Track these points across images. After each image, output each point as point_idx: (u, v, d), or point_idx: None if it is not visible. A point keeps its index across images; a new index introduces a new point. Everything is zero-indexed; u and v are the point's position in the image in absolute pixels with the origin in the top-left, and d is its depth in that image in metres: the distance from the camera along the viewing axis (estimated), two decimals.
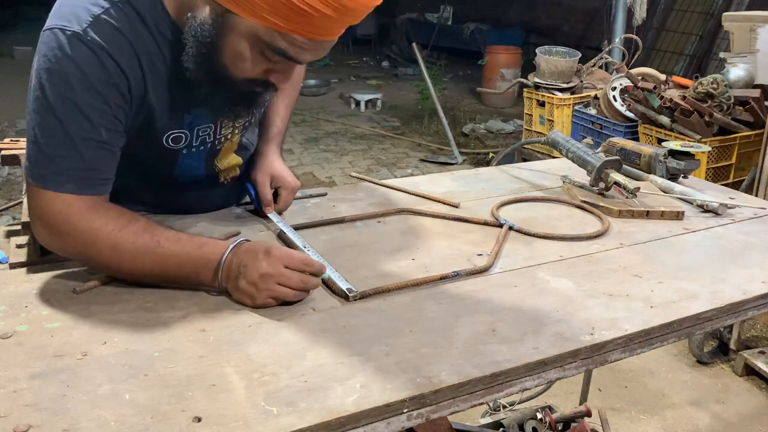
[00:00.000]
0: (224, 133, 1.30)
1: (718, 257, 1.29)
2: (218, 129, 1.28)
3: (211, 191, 1.42)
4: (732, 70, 3.57)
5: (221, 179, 1.41)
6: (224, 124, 1.28)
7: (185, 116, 1.20)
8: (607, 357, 0.99)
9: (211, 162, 1.34)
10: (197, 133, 1.25)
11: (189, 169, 1.31)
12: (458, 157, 5.79)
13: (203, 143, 1.27)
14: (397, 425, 0.82)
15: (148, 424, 0.75)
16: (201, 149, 1.28)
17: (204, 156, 1.31)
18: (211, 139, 1.29)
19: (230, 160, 1.39)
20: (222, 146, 1.33)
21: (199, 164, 1.32)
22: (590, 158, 1.57)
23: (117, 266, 1.05)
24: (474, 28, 9.95)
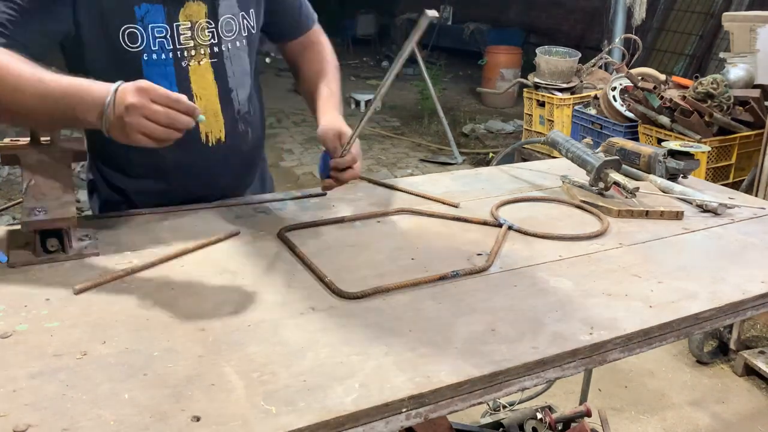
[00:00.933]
0: (185, 44, 1.30)
1: (717, 257, 1.29)
2: (175, 34, 1.28)
3: (195, 155, 1.37)
4: (732, 70, 3.57)
5: (202, 133, 1.36)
6: (181, 31, 1.29)
7: (136, 9, 1.23)
8: (607, 357, 0.99)
9: (185, 88, 1.31)
10: (152, 32, 1.26)
11: None
12: (458, 157, 5.79)
13: (163, 50, 1.28)
14: (396, 425, 0.82)
15: (148, 424, 0.75)
16: (163, 59, 1.28)
17: (172, 74, 1.30)
18: (171, 47, 1.29)
19: (210, 101, 1.35)
20: (189, 64, 1.32)
21: (170, 85, 1.29)
22: (590, 158, 1.58)
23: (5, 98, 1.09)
24: (474, 28, 9.95)
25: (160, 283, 1.10)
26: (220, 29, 1.35)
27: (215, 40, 1.34)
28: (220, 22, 1.34)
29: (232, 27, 1.37)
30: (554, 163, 1.93)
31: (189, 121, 1.07)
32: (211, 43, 1.34)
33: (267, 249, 1.25)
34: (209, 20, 1.33)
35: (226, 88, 1.39)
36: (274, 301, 1.05)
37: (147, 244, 1.24)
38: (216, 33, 1.34)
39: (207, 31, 1.33)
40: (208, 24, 1.33)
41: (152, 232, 1.30)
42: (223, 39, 1.36)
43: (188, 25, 1.30)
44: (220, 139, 1.40)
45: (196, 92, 1.35)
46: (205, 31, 1.33)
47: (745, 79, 3.54)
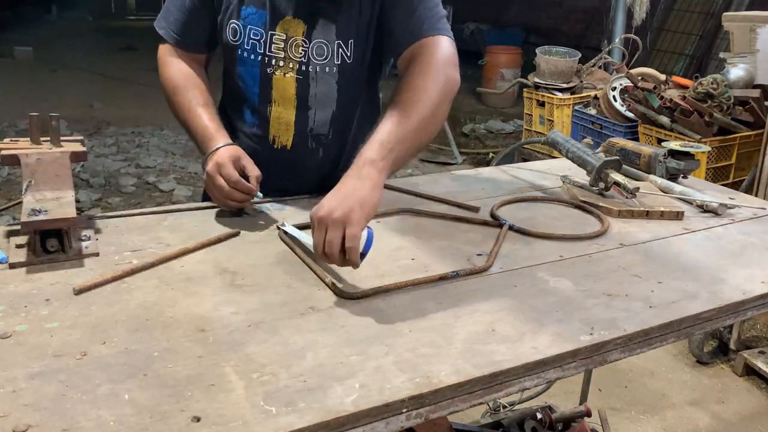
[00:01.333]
0: (275, 53, 1.41)
1: (717, 257, 1.29)
2: (269, 40, 1.41)
3: (262, 150, 1.48)
4: (732, 70, 3.57)
5: (270, 135, 1.48)
6: (275, 41, 1.41)
7: (242, 9, 1.41)
8: (607, 357, 0.99)
9: (265, 88, 1.45)
10: (249, 33, 1.41)
11: (246, 87, 1.47)
12: (458, 157, 5.79)
13: (254, 50, 1.42)
14: (396, 425, 0.82)
15: (148, 424, 0.75)
16: (252, 59, 1.43)
17: (257, 72, 1.44)
18: (262, 50, 1.41)
19: (286, 110, 1.46)
20: (273, 71, 1.43)
21: (254, 81, 1.45)
22: (590, 158, 1.57)
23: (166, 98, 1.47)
24: (474, 28, 9.95)
25: (160, 283, 1.10)
26: (311, 51, 1.41)
27: (305, 59, 1.41)
28: (312, 44, 1.41)
29: (323, 52, 1.41)
30: (554, 163, 1.93)
31: (242, 198, 1.33)
32: (301, 60, 1.41)
33: (267, 249, 1.25)
34: (305, 39, 1.40)
35: (304, 105, 1.45)
36: (274, 301, 1.05)
37: (147, 244, 1.24)
38: (307, 53, 1.41)
39: (301, 49, 1.41)
40: (303, 42, 1.40)
41: (152, 232, 1.30)
42: (312, 61, 1.42)
43: (283, 37, 1.40)
44: (285, 147, 1.49)
45: (275, 98, 1.45)
46: (299, 48, 1.41)
47: (745, 79, 3.54)
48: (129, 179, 5.00)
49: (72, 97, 7.59)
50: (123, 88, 8.44)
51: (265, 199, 1.46)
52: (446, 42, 1.36)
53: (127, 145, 5.87)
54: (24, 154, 1.22)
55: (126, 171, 5.20)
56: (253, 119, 1.49)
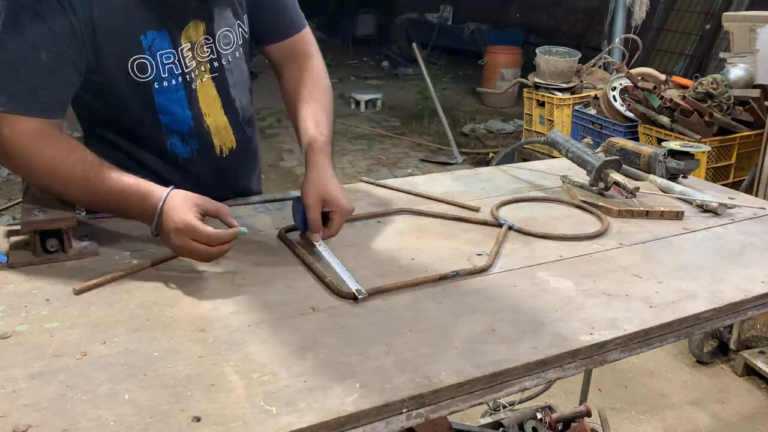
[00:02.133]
0: (189, 65, 1.29)
1: (717, 257, 1.29)
2: (181, 58, 1.28)
3: (212, 167, 1.40)
4: (732, 70, 3.57)
5: (216, 147, 1.39)
6: (185, 53, 1.28)
7: (142, 39, 1.22)
8: (607, 357, 0.99)
9: (196, 110, 1.33)
10: (161, 60, 1.25)
11: (173, 117, 1.31)
12: (458, 157, 5.79)
13: (172, 75, 1.27)
14: (396, 425, 0.82)
15: (148, 424, 0.75)
16: (174, 85, 1.29)
17: (184, 98, 1.31)
18: (179, 71, 1.28)
19: (217, 116, 1.37)
20: (196, 85, 1.32)
21: (183, 111, 1.31)
22: (590, 158, 1.57)
23: (55, 191, 1.16)
24: (474, 28, 9.95)
25: (160, 283, 1.10)
26: (217, 44, 1.34)
27: (214, 55, 1.34)
28: (217, 36, 1.33)
29: (229, 39, 1.36)
30: (554, 163, 1.93)
31: (227, 249, 1.12)
32: (210, 58, 1.34)
33: (267, 249, 1.25)
34: (207, 36, 1.32)
35: (228, 99, 1.39)
36: (274, 301, 1.05)
37: (147, 244, 1.24)
38: (214, 48, 1.34)
39: (206, 47, 1.32)
40: (207, 40, 1.32)
41: None
42: (222, 53, 1.35)
43: (189, 46, 1.29)
44: (232, 148, 1.43)
45: (205, 111, 1.36)
46: (203, 48, 1.32)
47: (745, 79, 3.54)
48: None
49: None
50: None
51: (264, 200, 1.46)
52: (308, 33, 1.52)
53: None
54: None
55: None
56: (189, 146, 1.37)
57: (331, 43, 11.93)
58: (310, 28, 1.54)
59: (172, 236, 1.08)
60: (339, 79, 9.21)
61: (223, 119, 1.39)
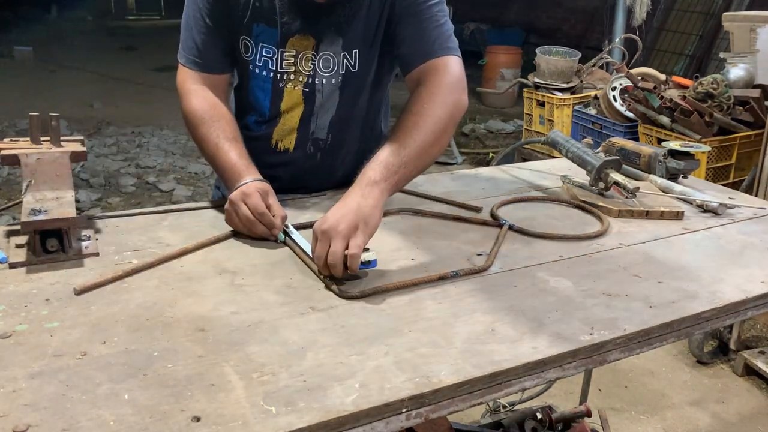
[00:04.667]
0: (285, 67, 1.43)
1: (717, 257, 1.29)
2: (280, 57, 1.42)
3: (265, 150, 1.50)
4: (732, 70, 3.57)
5: (274, 139, 1.50)
6: (285, 57, 1.42)
7: (253, 27, 1.40)
8: (607, 357, 0.99)
9: (276, 101, 1.47)
10: (261, 51, 1.42)
11: (256, 97, 1.48)
12: (458, 157, 5.79)
13: (266, 67, 1.43)
14: (396, 425, 0.82)
15: (147, 424, 0.75)
16: (264, 75, 1.44)
17: (269, 87, 1.46)
18: (273, 67, 1.43)
19: (291, 116, 1.48)
20: (285, 86, 1.45)
21: (265, 96, 1.47)
22: (590, 158, 1.57)
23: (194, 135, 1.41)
24: (474, 28, 9.95)
25: (160, 283, 1.10)
26: (318, 63, 1.43)
27: (312, 72, 1.44)
28: (319, 56, 1.42)
29: (329, 64, 1.43)
30: (554, 163, 1.93)
31: (264, 231, 1.26)
32: (309, 74, 1.44)
33: (267, 249, 1.25)
34: (314, 53, 1.42)
35: (309, 111, 1.48)
36: (274, 301, 1.05)
37: (147, 244, 1.24)
38: (314, 66, 1.43)
39: (310, 63, 1.43)
40: (312, 56, 1.42)
41: (152, 232, 1.30)
42: (318, 73, 1.44)
43: (293, 53, 1.42)
44: (288, 149, 1.52)
45: (284, 109, 1.48)
46: (308, 62, 1.43)
47: (745, 79, 3.54)
48: (129, 179, 5.00)
49: (72, 97, 7.59)
50: (123, 88, 8.45)
51: None
52: (455, 63, 1.36)
53: (127, 145, 5.87)
54: (24, 154, 1.22)
55: (126, 171, 5.20)
56: (259, 125, 1.52)
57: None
58: None
59: (233, 194, 1.27)
60: None
61: (294, 124, 1.49)
